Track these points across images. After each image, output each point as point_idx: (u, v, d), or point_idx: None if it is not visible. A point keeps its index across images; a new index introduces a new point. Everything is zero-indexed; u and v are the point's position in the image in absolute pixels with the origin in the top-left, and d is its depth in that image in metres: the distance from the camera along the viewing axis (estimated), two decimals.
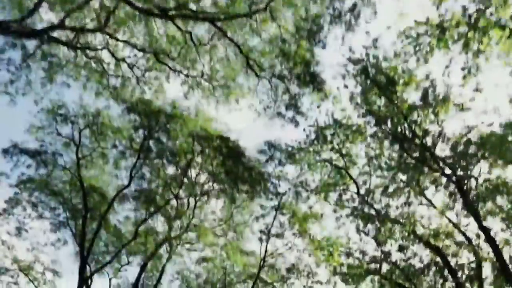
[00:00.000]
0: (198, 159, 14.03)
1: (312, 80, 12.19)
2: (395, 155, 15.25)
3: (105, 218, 14.53)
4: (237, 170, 13.49)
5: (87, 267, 14.29)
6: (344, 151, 16.90)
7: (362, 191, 15.69)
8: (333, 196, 16.53)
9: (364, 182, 16.48)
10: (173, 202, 15.13)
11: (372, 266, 14.37)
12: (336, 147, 16.93)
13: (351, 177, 16.54)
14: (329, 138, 16.89)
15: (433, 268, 12.93)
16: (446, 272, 12.72)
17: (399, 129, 13.77)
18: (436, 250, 12.77)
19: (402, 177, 15.16)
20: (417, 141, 13.33)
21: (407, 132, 13.45)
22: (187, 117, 13.79)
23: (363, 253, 14.50)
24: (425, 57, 13.29)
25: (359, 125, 15.84)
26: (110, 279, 19.56)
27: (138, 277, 16.07)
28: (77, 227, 15.24)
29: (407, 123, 12.86)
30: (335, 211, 15.38)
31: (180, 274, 20.41)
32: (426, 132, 13.08)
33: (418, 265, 13.61)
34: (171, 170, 14.63)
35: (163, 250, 19.73)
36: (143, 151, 14.31)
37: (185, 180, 14.34)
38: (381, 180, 16.05)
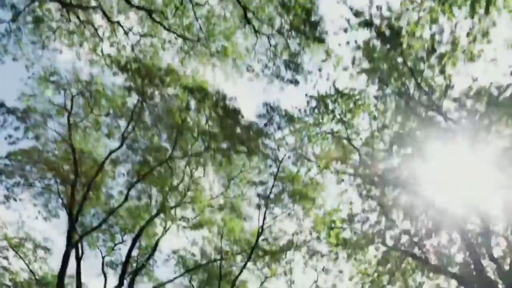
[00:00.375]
0: (193, 118, 13.39)
1: (313, 31, 11.58)
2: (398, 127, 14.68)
3: (94, 182, 13.89)
4: (234, 129, 12.82)
5: (77, 235, 13.62)
6: (346, 120, 16.31)
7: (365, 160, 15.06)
8: (335, 164, 15.92)
9: (367, 153, 15.88)
10: (168, 173, 14.50)
11: (376, 234, 13.66)
12: (337, 116, 16.33)
13: (353, 146, 15.91)
14: (330, 107, 16.32)
15: (442, 231, 12.21)
16: (455, 234, 12.02)
17: (404, 89, 13.17)
18: (444, 211, 12.09)
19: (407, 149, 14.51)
20: (423, 98, 12.70)
21: (413, 90, 12.83)
22: (183, 75, 13.15)
23: (367, 219, 13.78)
24: (429, 23, 12.79)
25: (361, 90, 15.31)
26: (103, 257, 18.99)
27: (130, 250, 15.40)
28: (66, 192, 14.59)
29: (413, 76, 12.22)
30: (337, 172, 14.70)
31: (176, 253, 19.72)
32: (432, 88, 12.44)
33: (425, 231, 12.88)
34: (164, 135, 14.00)
35: (158, 229, 19.14)
36: (136, 112, 13.70)
37: (179, 141, 13.67)
38: (384, 153, 15.43)
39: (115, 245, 19.17)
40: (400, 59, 12.32)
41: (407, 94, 12.96)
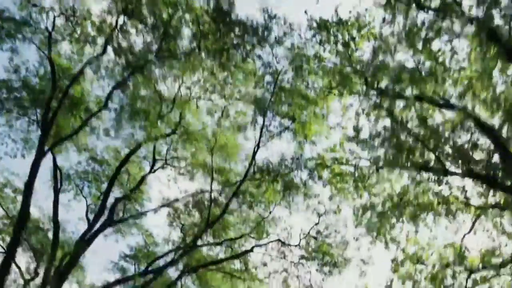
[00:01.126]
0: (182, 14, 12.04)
1: None
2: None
3: (72, 94, 12.60)
4: (228, 28, 11.49)
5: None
6: (350, 48, 15.03)
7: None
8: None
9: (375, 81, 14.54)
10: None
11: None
12: (340, 45, 15.08)
13: (358, 70, 14.56)
14: (332, 34, 15.11)
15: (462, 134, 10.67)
16: (475, 137, 10.50)
17: None
18: (463, 111, 10.61)
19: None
20: None
21: None
22: None
23: (376, 136, 12.26)
24: None
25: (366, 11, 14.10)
26: (88, 206, 17.70)
27: (113, 177, 14.02)
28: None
29: None
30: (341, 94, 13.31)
31: (168, 205, 18.24)
32: None
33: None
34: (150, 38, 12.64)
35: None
36: (119, 23, 12.48)
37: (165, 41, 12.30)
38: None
39: (101, 194, 17.84)
40: None
41: None
